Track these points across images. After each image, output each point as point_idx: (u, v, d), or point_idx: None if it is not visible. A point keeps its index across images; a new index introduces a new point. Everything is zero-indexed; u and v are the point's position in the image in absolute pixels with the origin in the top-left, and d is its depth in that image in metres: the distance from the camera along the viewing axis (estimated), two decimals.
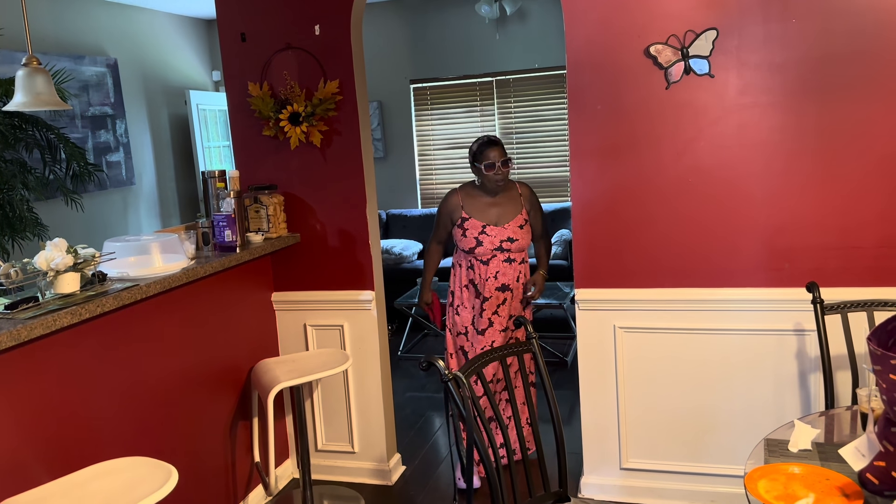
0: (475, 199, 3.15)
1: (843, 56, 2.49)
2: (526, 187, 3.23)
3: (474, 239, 3.10)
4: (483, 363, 2.07)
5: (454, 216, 3.15)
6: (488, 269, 3.10)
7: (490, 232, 3.10)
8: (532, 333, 2.18)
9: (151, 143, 5.99)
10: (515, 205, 3.17)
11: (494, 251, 3.10)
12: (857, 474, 1.62)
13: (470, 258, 3.14)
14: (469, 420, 1.87)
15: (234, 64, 3.17)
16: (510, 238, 3.10)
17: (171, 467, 1.93)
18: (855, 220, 2.56)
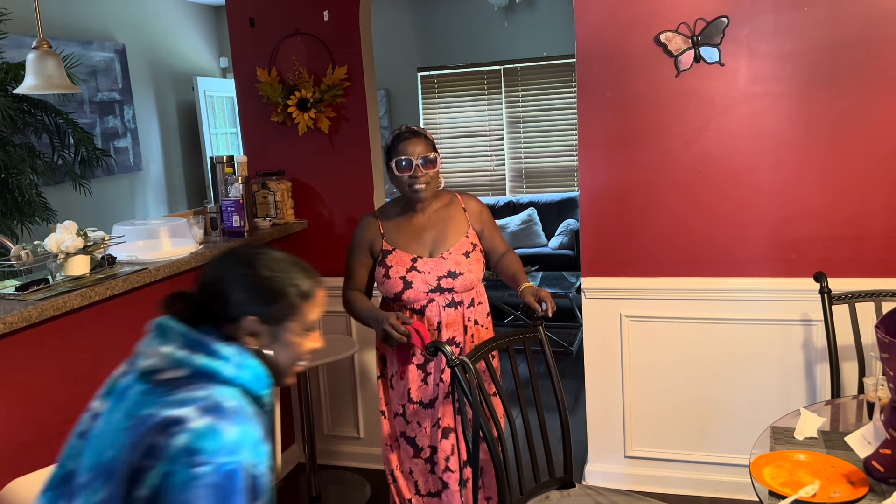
0: (400, 224, 2.27)
1: (854, 44, 2.47)
2: (472, 199, 2.36)
3: (400, 280, 2.19)
4: (488, 349, 2.07)
5: (374, 247, 2.28)
6: (425, 319, 2.21)
7: (422, 266, 2.21)
8: (539, 321, 2.19)
9: (159, 129, 5.99)
10: (458, 224, 2.29)
11: (431, 293, 2.20)
12: (862, 462, 1.62)
13: (398, 308, 2.25)
14: (475, 405, 1.88)
15: (242, 49, 3.16)
16: (451, 272, 2.21)
17: None
18: (864, 210, 2.55)
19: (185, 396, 1.08)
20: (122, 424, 1.09)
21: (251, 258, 1.21)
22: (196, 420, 1.05)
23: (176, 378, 1.12)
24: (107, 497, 1.06)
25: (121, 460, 1.05)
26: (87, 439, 1.15)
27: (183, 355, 1.13)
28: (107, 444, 1.09)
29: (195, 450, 1.03)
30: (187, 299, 1.20)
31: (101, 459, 1.08)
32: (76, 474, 1.13)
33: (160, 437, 1.04)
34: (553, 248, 6.06)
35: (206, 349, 1.14)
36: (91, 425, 1.17)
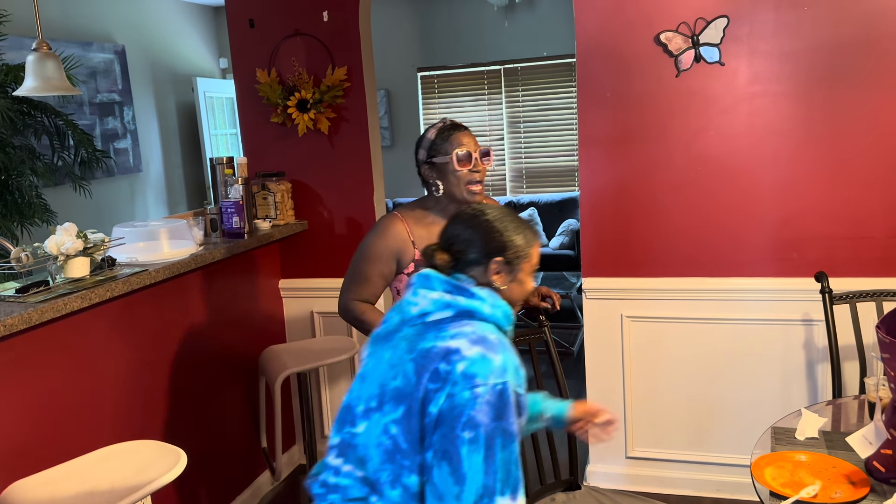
0: (430, 230, 1.99)
1: (855, 43, 2.47)
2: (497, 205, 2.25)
3: None
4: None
5: (404, 258, 2.01)
6: None
7: None
8: (544, 321, 2.17)
9: (159, 130, 5.99)
10: None
11: None
12: (863, 462, 1.62)
13: None
14: None
15: (242, 50, 3.16)
16: None
17: (179, 451, 1.94)
18: (864, 210, 2.55)
19: (456, 331, 1.31)
20: (406, 357, 1.32)
21: (490, 215, 1.44)
22: (468, 350, 1.28)
23: (443, 318, 1.35)
24: (403, 414, 1.29)
25: (411, 384, 1.29)
26: (363, 378, 1.40)
27: (449, 299, 1.36)
28: (389, 376, 1.33)
29: (472, 374, 1.25)
30: (441, 252, 1.43)
31: (388, 387, 1.32)
32: (354, 405, 1.37)
33: (443, 363, 1.27)
34: (554, 249, 6.06)
35: (466, 293, 1.37)
36: (365, 368, 1.41)
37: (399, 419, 1.29)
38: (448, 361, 1.27)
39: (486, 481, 1.23)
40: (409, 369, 1.30)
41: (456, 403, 1.24)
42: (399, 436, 1.29)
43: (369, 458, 1.32)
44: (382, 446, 1.31)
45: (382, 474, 1.30)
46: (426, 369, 1.28)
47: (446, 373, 1.26)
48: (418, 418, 1.28)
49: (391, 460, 1.30)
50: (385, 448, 1.30)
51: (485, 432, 1.23)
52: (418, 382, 1.28)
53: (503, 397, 1.25)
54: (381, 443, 1.31)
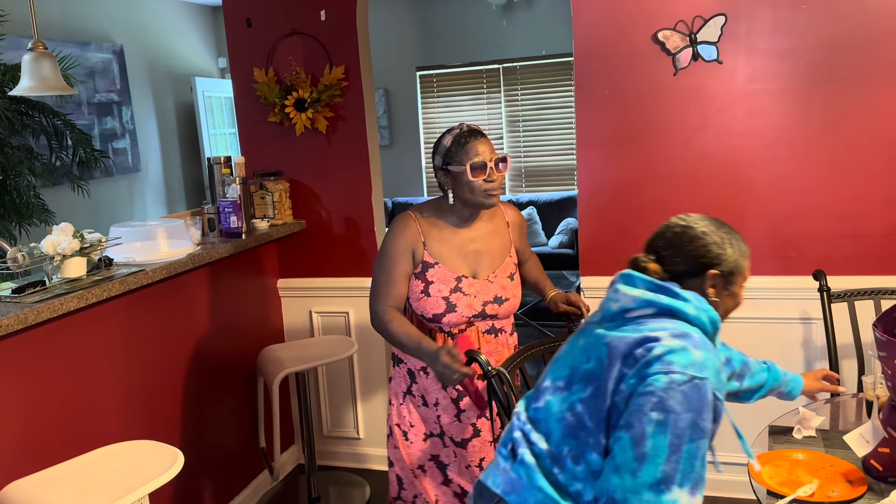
0: (442, 233, 2.01)
1: (853, 40, 2.47)
2: (513, 209, 2.17)
3: (443, 301, 1.96)
4: (524, 357, 1.97)
5: (415, 255, 1.99)
6: (458, 345, 1.94)
7: (468, 288, 1.98)
8: (572, 326, 2.13)
9: (157, 129, 5.99)
10: (503, 241, 2.08)
11: (473, 319, 2.00)
12: (860, 460, 1.62)
13: (431, 328, 2.03)
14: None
15: (239, 50, 3.16)
16: (498, 297, 2.02)
17: (177, 450, 1.94)
18: (863, 208, 2.55)
19: (657, 325, 1.31)
20: (600, 342, 1.34)
21: (703, 227, 1.44)
22: (668, 339, 1.27)
23: (644, 315, 1.34)
24: (591, 394, 1.31)
25: (603, 366, 1.31)
26: (555, 362, 1.45)
27: (651, 297, 1.35)
28: (582, 360, 1.36)
29: (669, 360, 1.24)
30: (653, 263, 1.43)
31: (579, 370, 1.36)
32: (543, 384, 1.44)
33: (639, 349, 1.28)
34: (553, 247, 6.06)
35: (670, 292, 1.36)
36: (558, 354, 1.46)
37: (586, 398, 1.32)
38: (646, 348, 1.27)
39: (667, 469, 1.21)
40: (603, 353, 1.32)
41: (649, 384, 1.23)
42: (584, 414, 1.31)
43: (550, 431, 1.36)
44: (564, 422, 1.34)
45: (563, 448, 1.33)
46: (621, 352, 1.29)
47: (641, 356, 1.27)
48: (607, 399, 1.28)
49: (574, 436, 1.32)
50: (567, 423, 1.33)
51: (675, 420, 1.21)
52: (611, 365, 1.29)
53: (701, 392, 1.23)
54: (564, 418, 1.34)
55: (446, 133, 1.99)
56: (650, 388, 1.23)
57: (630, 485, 1.22)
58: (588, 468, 1.30)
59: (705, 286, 1.40)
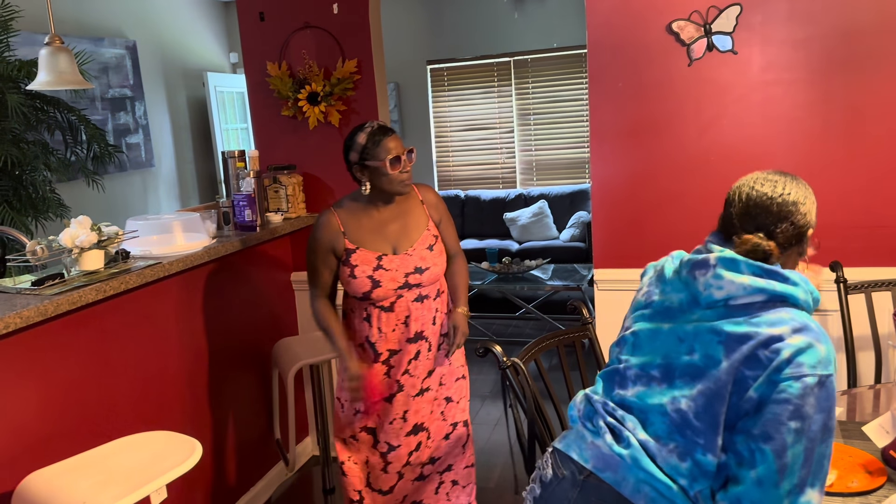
0: (360, 220, 2.24)
1: (869, 30, 2.44)
2: (429, 190, 2.39)
3: (368, 279, 2.19)
4: (540, 349, 2.00)
5: (337, 248, 2.22)
6: (392, 315, 2.22)
7: (388, 264, 2.21)
8: (587, 318, 2.14)
9: (170, 125, 6.02)
10: (418, 217, 2.31)
11: (399, 290, 2.22)
12: (880, 451, 1.61)
13: (365, 306, 2.24)
14: (530, 411, 1.84)
15: (252, 44, 3.17)
16: (418, 268, 2.23)
17: (195, 441, 1.96)
18: (880, 199, 2.52)
19: (775, 318, 1.26)
20: (710, 338, 1.28)
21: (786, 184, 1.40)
22: (792, 337, 1.23)
23: (753, 303, 1.28)
24: (699, 393, 1.27)
25: (719, 367, 1.26)
26: (635, 347, 1.40)
27: (763, 284, 1.27)
28: (681, 351, 1.32)
29: (799, 363, 1.21)
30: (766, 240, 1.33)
31: (679, 362, 1.31)
32: (624, 370, 1.40)
33: (763, 350, 1.23)
34: (564, 241, 6.04)
35: (780, 277, 1.29)
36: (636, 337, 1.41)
37: (694, 396, 1.28)
38: (772, 350, 1.23)
39: (802, 474, 1.21)
40: (717, 352, 1.27)
41: (782, 390, 1.21)
42: (690, 412, 1.28)
43: (651, 422, 1.33)
44: (668, 417, 1.31)
45: (669, 443, 1.30)
46: (742, 354, 1.25)
47: (768, 360, 1.23)
48: (724, 402, 1.25)
49: (680, 433, 1.29)
50: (671, 420, 1.30)
51: (809, 425, 1.20)
52: (731, 367, 1.25)
53: (829, 391, 1.22)
54: (666, 412, 1.31)
55: (359, 131, 2.21)
56: (784, 394, 1.20)
57: (773, 496, 1.22)
58: (697, 467, 1.28)
59: (803, 251, 1.35)
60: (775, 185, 1.39)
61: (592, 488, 1.34)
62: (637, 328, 1.42)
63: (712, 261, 1.33)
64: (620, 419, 1.36)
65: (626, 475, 1.31)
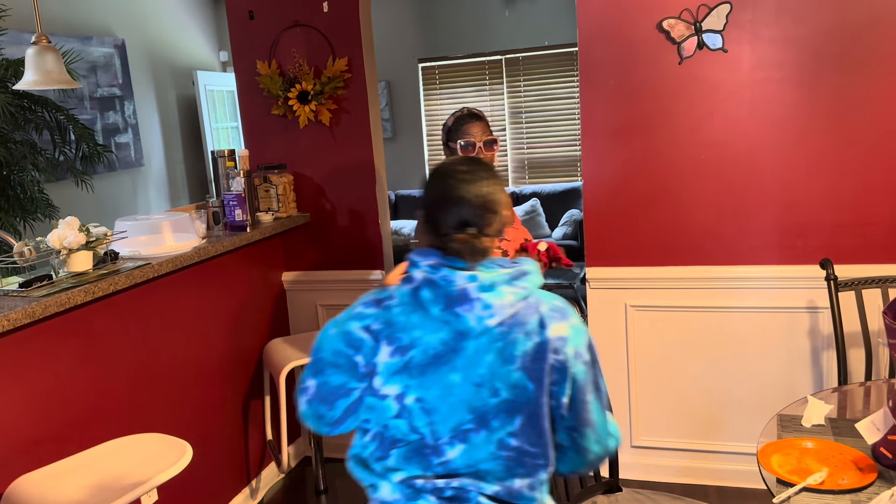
0: None
1: (859, 27, 2.45)
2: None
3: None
4: None
5: None
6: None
7: (509, 235, 2.24)
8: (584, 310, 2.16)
9: (160, 124, 5.98)
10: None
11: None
12: (870, 448, 1.61)
13: None
14: None
15: (242, 42, 3.15)
16: (527, 239, 2.37)
17: (185, 443, 1.94)
18: (869, 196, 2.53)
19: (540, 318, 1.32)
20: (506, 369, 1.29)
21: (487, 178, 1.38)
22: (563, 329, 1.31)
23: (518, 311, 1.31)
24: (522, 424, 1.30)
25: (529, 392, 1.29)
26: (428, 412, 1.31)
27: (522, 293, 1.32)
28: (485, 395, 1.30)
29: (578, 352, 1.32)
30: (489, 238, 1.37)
31: (489, 405, 1.30)
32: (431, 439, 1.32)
33: (554, 356, 1.30)
34: (556, 239, 6.05)
35: (524, 275, 1.35)
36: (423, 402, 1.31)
37: (519, 429, 1.30)
38: (558, 353, 1.30)
39: (600, 413, 1.36)
40: (522, 379, 1.29)
41: (577, 379, 1.32)
42: (523, 444, 1.31)
43: (487, 471, 1.32)
44: (503, 458, 1.31)
45: (513, 478, 1.32)
46: (543, 371, 1.29)
47: (561, 363, 1.30)
48: (547, 417, 1.31)
49: (521, 465, 1.32)
50: (507, 458, 1.31)
51: (598, 383, 1.36)
52: (540, 387, 1.29)
53: (592, 346, 1.36)
54: (499, 455, 1.31)
55: (450, 116, 2.33)
56: (580, 381, 1.33)
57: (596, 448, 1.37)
58: (541, 481, 1.35)
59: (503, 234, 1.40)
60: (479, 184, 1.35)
61: None
62: (417, 395, 1.31)
63: (473, 294, 1.29)
64: (458, 487, 1.32)
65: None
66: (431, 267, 1.32)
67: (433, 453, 1.32)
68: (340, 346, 1.37)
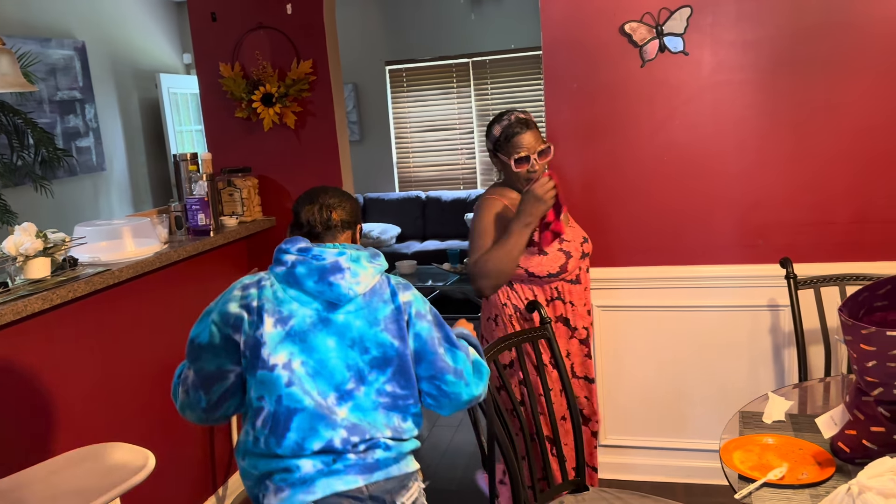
0: (515, 202, 2.23)
1: (816, 31, 2.51)
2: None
3: (560, 253, 2.20)
4: (499, 349, 2.01)
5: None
6: (579, 287, 2.27)
7: (567, 236, 2.24)
8: (546, 318, 2.14)
9: (122, 127, 5.87)
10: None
11: (580, 260, 2.27)
12: (829, 443, 1.65)
13: (555, 284, 2.22)
14: (489, 412, 1.85)
15: (204, 45, 3.11)
16: (585, 237, 2.32)
17: (147, 452, 1.90)
18: (827, 196, 2.59)
19: (392, 288, 1.59)
20: (373, 330, 1.54)
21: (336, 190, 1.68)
22: (407, 296, 1.59)
23: (377, 283, 1.57)
24: (392, 373, 1.55)
25: (395, 347, 1.55)
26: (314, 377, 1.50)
27: (379, 267, 1.59)
28: (357, 355, 1.53)
29: (419, 312, 1.59)
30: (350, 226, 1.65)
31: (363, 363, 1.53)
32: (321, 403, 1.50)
33: (403, 317, 1.57)
34: None
35: (377, 256, 1.61)
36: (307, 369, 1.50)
37: (389, 378, 1.54)
38: (406, 313, 1.57)
39: (460, 361, 1.61)
40: (385, 338, 1.54)
41: (424, 337, 1.58)
42: (395, 390, 1.55)
43: (374, 419, 1.53)
44: (380, 404, 1.54)
45: (392, 419, 1.55)
46: (402, 329, 1.55)
47: (409, 323, 1.57)
48: (411, 364, 1.57)
49: (396, 408, 1.56)
50: (384, 404, 1.55)
51: (445, 335, 1.62)
52: (402, 342, 1.55)
53: (433, 310, 1.63)
54: (378, 404, 1.54)
55: (497, 121, 2.23)
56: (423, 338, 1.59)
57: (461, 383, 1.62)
58: (414, 417, 1.60)
59: (358, 234, 1.69)
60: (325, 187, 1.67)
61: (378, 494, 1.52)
62: (302, 359, 1.49)
63: (344, 264, 1.53)
64: (366, 439, 1.51)
65: (389, 464, 1.54)
66: (301, 249, 1.54)
67: (330, 413, 1.49)
68: (217, 328, 1.54)
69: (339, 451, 1.49)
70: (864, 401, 1.53)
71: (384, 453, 1.53)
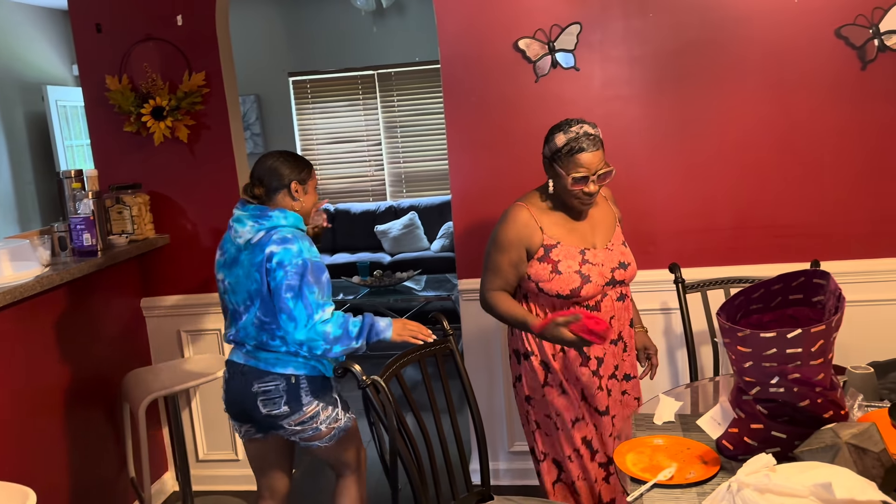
0: (550, 215, 2.11)
1: (697, 48, 2.64)
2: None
3: (576, 275, 2.04)
4: (401, 364, 2.00)
5: (532, 244, 2.08)
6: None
7: (594, 258, 2.07)
8: (448, 330, 2.14)
9: (5, 143, 5.52)
10: (605, 212, 2.19)
11: (605, 287, 2.09)
12: (714, 442, 1.72)
13: (568, 307, 2.07)
14: (391, 428, 1.82)
15: (89, 56, 2.96)
16: (622, 263, 2.12)
17: (27, 490, 1.78)
18: (711, 204, 2.73)
19: (269, 240, 2.04)
20: (252, 269, 2.06)
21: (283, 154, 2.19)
22: (276, 248, 2.03)
23: (261, 237, 2.06)
24: (260, 303, 2.07)
25: (261, 283, 2.05)
26: (234, 291, 2.13)
27: (257, 226, 2.08)
28: (248, 285, 2.08)
29: (281, 262, 2.02)
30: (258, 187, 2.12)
31: (251, 291, 2.08)
32: (234, 310, 2.15)
33: (268, 263, 2.03)
34: (435, 251, 6.10)
35: (266, 216, 2.08)
36: (232, 285, 2.13)
37: (259, 306, 2.07)
38: (269, 260, 2.02)
39: (307, 305, 2.01)
40: (257, 276, 2.05)
41: (278, 281, 2.01)
42: (263, 315, 2.08)
43: (250, 333, 2.12)
44: (255, 324, 2.10)
45: (263, 336, 2.10)
46: (263, 271, 2.03)
47: (269, 269, 2.03)
48: (269, 299, 2.05)
49: (264, 329, 2.09)
50: (257, 325, 2.09)
51: (297, 287, 2.01)
52: (263, 280, 2.04)
53: (303, 267, 2.02)
54: (253, 322, 2.10)
55: (559, 130, 2.04)
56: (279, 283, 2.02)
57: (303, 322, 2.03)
58: (279, 338, 2.09)
59: (292, 192, 2.13)
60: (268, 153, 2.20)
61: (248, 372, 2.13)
62: (229, 280, 2.13)
63: (233, 223, 2.12)
64: (242, 339, 2.14)
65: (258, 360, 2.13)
66: (236, 209, 2.14)
67: (238, 318, 2.14)
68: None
69: (239, 342, 2.16)
70: (744, 399, 1.60)
71: (256, 352, 2.13)
